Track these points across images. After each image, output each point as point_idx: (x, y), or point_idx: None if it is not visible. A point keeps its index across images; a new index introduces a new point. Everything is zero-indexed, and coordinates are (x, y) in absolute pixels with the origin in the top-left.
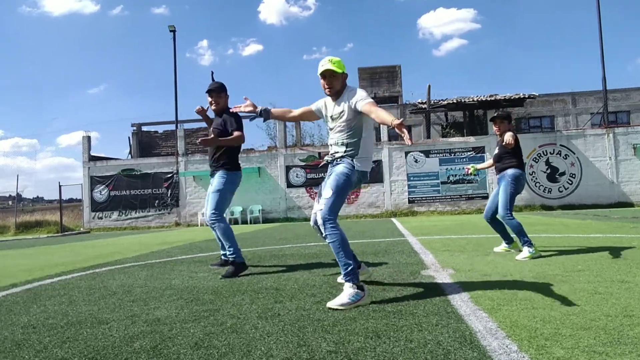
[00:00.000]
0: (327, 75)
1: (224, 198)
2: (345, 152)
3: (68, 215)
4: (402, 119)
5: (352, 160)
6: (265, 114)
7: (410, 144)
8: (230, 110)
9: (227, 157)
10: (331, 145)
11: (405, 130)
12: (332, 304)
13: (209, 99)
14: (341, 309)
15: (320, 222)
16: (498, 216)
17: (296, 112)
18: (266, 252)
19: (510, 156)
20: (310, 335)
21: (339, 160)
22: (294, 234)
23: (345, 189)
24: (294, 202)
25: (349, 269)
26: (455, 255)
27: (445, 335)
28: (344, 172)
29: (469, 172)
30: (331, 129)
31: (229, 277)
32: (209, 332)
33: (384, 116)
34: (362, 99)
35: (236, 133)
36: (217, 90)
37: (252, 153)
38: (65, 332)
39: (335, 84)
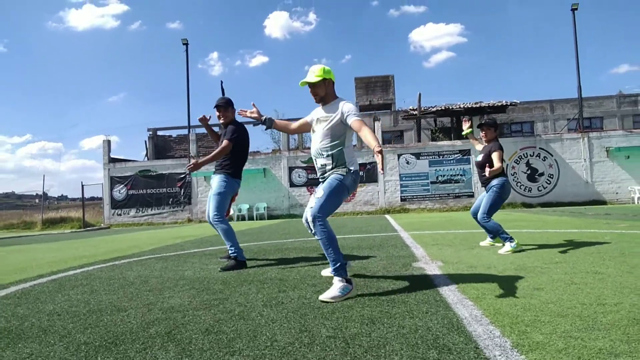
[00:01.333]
0: (310, 87)
1: (224, 200)
2: (335, 165)
3: (90, 212)
4: (381, 148)
5: (344, 169)
6: (269, 123)
7: (382, 172)
8: (238, 112)
9: (231, 163)
10: (315, 158)
11: (381, 158)
12: (324, 297)
13: (217, 113)
14: (332, 302)
15: (309, 219)
16: (478, 217)
17: (294, 125)
18: (271, 245)
19: (490, 167)
20: (311, 322)
21: (330, 172)
22: (296, 229)
23: (339, 192)
24: (296, 200)
25: (338, 264)
26: (443, 249)
27: (435, 322)
28: (337, 177)
29: (466, 128)
30: (314, 132)
31: (227, 270)
32: (218, 319)
33: (370, 139)
34: (353, 114)
35: (224, 142)
36: (225, 106)
37: (258, 155)
38: (87, 319)
39: (319, 91)
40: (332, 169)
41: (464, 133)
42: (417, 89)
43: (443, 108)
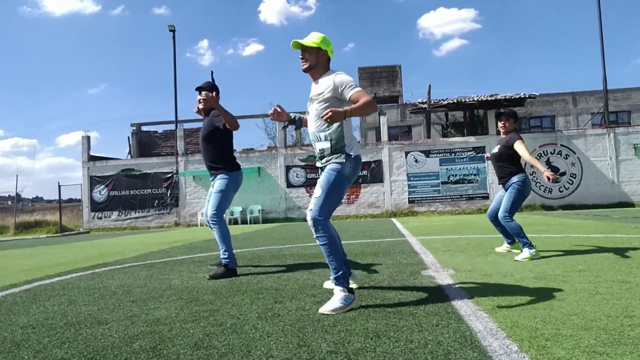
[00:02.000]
0: (301, 50)
1: (225, 198)
2: (334, 147)
3: (67, 215)
4: (347, 110)
5: (342, 154)
6: (299, 122)
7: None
8: (270, 115)
9: (222, 158)
10: (313, 142)
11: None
12: (324, 309)
13: (198, 97)
14: (333, 314)
15: (309, 223)
16: (499, 217)
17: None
18: (266, 252)
19: (508, 160)
20: (310, 336)
21: (328, 161)
22: (294, 234)
23: (338, 186)
24: (294, 202)
25: (340, 273)
26: (455, 256)
27: (446, 336)
28: (333, 168)
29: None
30: (309, 114)
31: (216, 278)
32: (208, 332)
33: (360, 105)
34: (349, 87)
35: (229, 117)
36: (208, 89)
37: (252, 153)
38: (65, 333)
39: (309, 57)
40: (331, 153)
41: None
42: (426, 81)
43: (455, 101)
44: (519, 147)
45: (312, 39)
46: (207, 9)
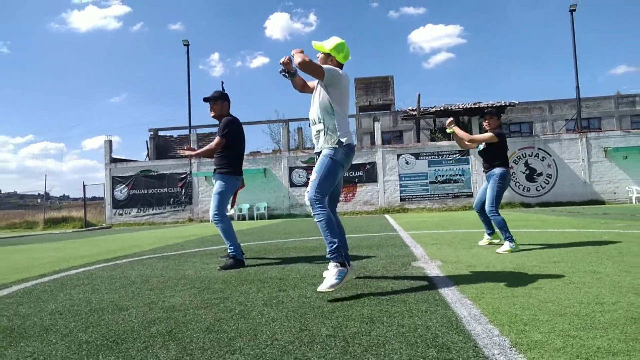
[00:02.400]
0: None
1: (223, 200)
2: (326, 130)
3: (91, 212)
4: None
5: (335, 141)
6: (294, 75)
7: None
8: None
9: (226, 161)
10: (311, 128)
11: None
12: (322, 287)
13: (209, 107)
14: (332, 290)
15: (307, 203)
16: (486, 210)
17: (307, 83)
18: (271, 245)
19: (495, 154)
20: (311, 321)
21: (323, 144)
22: (297, 229)
23: (332, 169)
24: (296, 200)
25: (334, 246)
26: (442, 249)
27: (434, 321)
28: (326, 153)
29: (449, 124)
30: (313, 104)
31: (226, 269)
32: (219, 318)
33: (313, 62)
34: (325, 68)
35: (216, 140)
36: (214, 99)
37: (259, 155)
38: (89, 318)
39: (320, 61)
40: (325, 135)
41: (448, 131)
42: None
43: (442, 108)
44: (487, 135)
45: (327, 45)
46: (218, 25)
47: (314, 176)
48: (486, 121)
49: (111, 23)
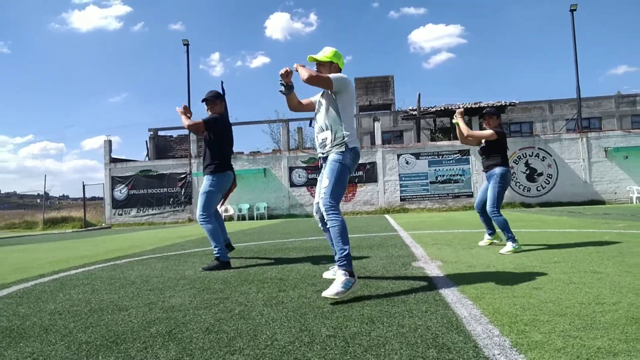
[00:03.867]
0: (316, 64)
1: (210, 199)
2: (334, 137)
3: (91, 212)
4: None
5: (342, 145)
6: (290, 90)
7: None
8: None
9: (212, 158)
10: (317, 134)
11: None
12: (327, 293)
13: (206, 108)
14: (337, 298)
15: (322, 209)
16: (487, 211)
17: (302, 100)
18: (271, 245)
19: (495, 153)
20: (311, 321)
21: (330, 149)
22: (297, 229)
23: (342, 174)
24: (296, 200)
25: (344, 253)
26: (443, 249)
27: (434, 321)
28: (336, 158)
29: (458, 114)
30: (318, 113)
31: (209, 270)
32: (219, 318)
33: (313, 72)
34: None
35: (196, 120)
36: (212, 100)
37: (258, 155)
38: (89, 318)
39: (323, 71)
40: (331, 142)
41: (454, 121)
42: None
43: (442, 108)
44: (486, 132)
45: (325, 54)
46: (218, 25)
47: (325, 182)
48: (486, 121)
49: (112, 23)
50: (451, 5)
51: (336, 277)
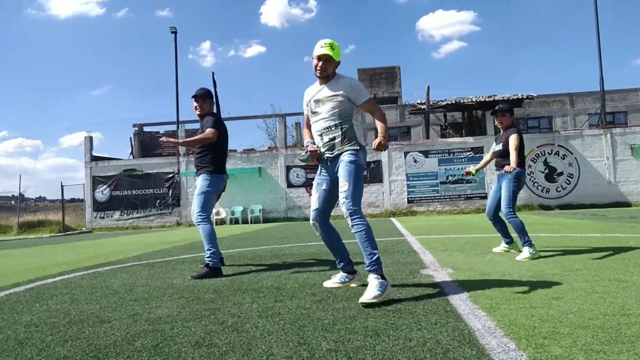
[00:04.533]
0: (323, 59)
1: (208, 199)
2: (344, 138)
3: (70, 215)
4: (381, 143)
5: (356, 143)
6: (312, 158)
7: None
8: (302, 156)
9: (211, 158)
10: (321, 134)
11: (381, 146)
12: (365, 298)
13: (195, 104)
14: (375, 302)
15: (346, 214)
16: (501, 214)
17: (308, 121)
18: (267, 251)
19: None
20: (310, 334)
21: (340, 149)
22: (295, 233)
23: (359, 175)
24: (294, 202)
25: (374, 258)
26: (454, 255)
27: (445, 334)
28: (351, 159)
29: (468, 171)
30: (314, 114)
31: (199, 278)
32: (209, 330)
33: (382, 123)
34: (364, 95)
35: (208, 130)
36: (203, 96)
37: (253, 153)
38: (68, 331)
39: (329, 69)
40: (341, 142)
41: (470, 173)
42: (425, 82)
43: (453, 102)
44: (511, 142)
45: (335, 53)
46: (209, 11)
47: (345, 186)
48: (498, 119)
49: (93, 9)
50: None
51: (369, 282)
